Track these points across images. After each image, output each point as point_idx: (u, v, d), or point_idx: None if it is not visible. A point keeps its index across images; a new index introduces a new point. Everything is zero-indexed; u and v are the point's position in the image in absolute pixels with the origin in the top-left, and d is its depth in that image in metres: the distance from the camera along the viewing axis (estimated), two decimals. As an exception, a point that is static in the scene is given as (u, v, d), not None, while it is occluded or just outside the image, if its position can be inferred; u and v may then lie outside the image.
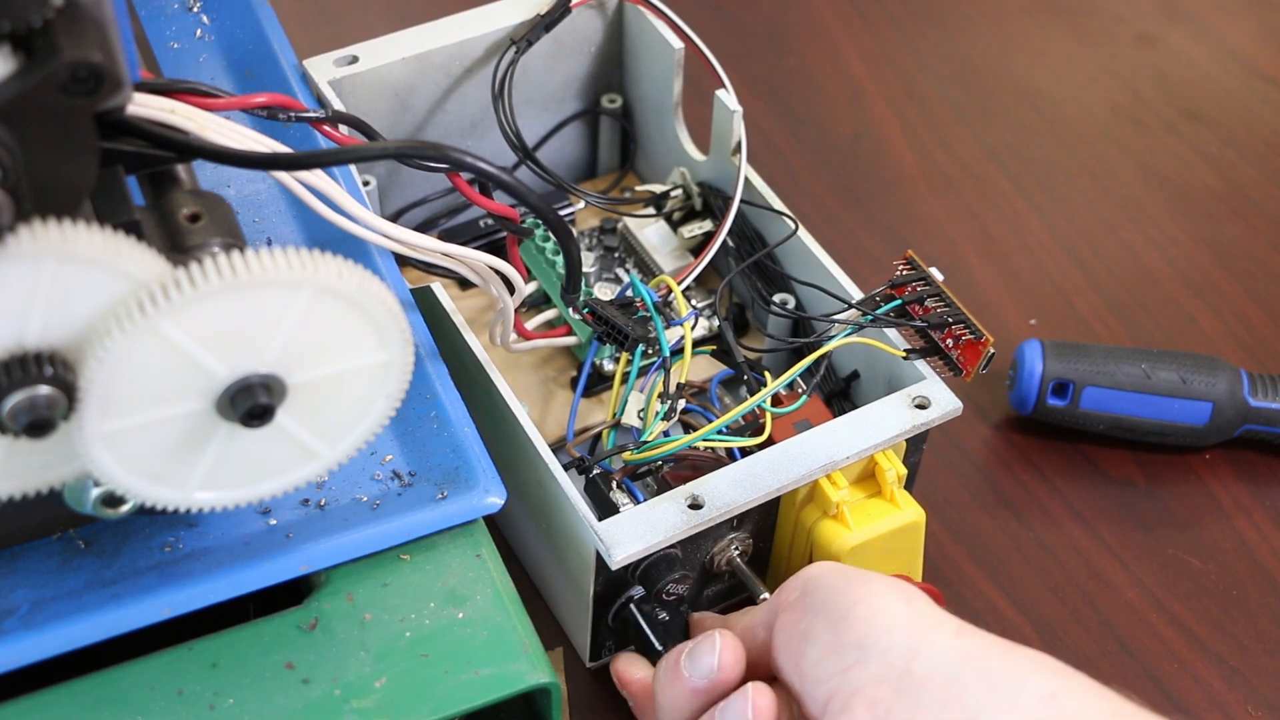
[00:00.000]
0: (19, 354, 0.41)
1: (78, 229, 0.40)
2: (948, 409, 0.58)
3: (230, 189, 0.61)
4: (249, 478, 0.47)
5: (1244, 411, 0.68)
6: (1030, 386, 0.68)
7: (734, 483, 0.56)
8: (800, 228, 0.64)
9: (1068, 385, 0.68)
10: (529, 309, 0.66)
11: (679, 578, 0.56)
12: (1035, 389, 0.68)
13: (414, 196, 0.71)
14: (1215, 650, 0.64)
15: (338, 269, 0.43)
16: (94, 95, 0.40)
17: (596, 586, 0.56)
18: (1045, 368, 0.68)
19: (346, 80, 0.66)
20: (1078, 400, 0.68)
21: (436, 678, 0.49)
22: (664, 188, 0.70)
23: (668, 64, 0.69)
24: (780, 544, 0.60)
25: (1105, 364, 0.68)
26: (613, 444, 0.59)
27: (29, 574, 0.49)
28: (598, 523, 0.54)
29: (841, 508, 0.57)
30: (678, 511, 0.55)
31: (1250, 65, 0.89)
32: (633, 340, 0.58)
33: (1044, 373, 0.68)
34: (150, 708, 0.47)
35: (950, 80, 0.88)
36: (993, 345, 0.58)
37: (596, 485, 0.58)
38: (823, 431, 0.57)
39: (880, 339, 0.60)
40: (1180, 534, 0.68)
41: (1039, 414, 0.69)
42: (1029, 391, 0.68)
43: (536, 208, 0.52)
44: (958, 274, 0.77)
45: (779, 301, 0.64)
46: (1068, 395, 0.68)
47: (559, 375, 0.67)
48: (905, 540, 0.59)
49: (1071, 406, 0.68)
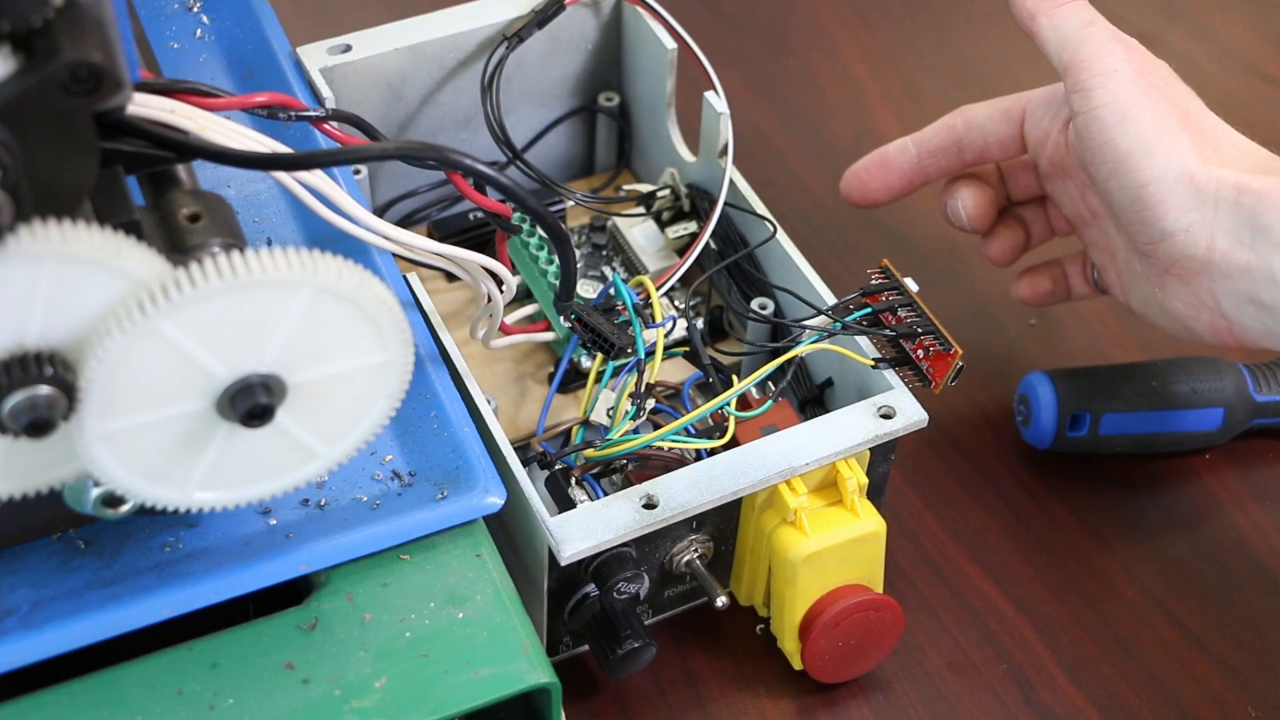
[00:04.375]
0: (19, 354, 0.41)
1: (78, 229, 0.40)
2: (913, 420, 0.58)
3: (230, 189, 0.61)
4: (249, 478, 0.47)
5: (1252, 408, 0.68)
6: (1047, 425, 0.67)
7: (690, 484, 0.55)
8: (779, 231, 0.64)
9: (1083, 416, 0.67)
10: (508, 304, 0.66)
11: (631, 576, 0.56)
12: (1053, 426, 0.67)
13: (404, 188, 0.71)
14: (1215, 650, 0.64)
15: (338, 269, 0.43)
16: (94, 95, 0.40)
17: (550, 582, 0.56)
18: (1060, 403, 0.67)
19: (339, 69, 0.66)
20: (1096, 429, 0.67)
21: (436, 678, 0.49)
22: (653, 188, 0.70)
23: (661, 64, 0.69)
24: (742, 548, 0.60)
25: (1117, 387, 0.67)
26: (580, 441, 0.60)
27: (29, 574, 0.49)
28: (550, 518, 0.54)
29: (800, 514, 0.57)
30: (631, 510, 0.55)
31: (1250, 65, 0.89)
32: (618, 349, 0.59)
33: (1059, 408, 0.67)
34: (150, 708, 0.47)
35: (950, 80, 0.88)
36: (962, 358, 0.58)
37: (557, 481, 0.58)
38: (784, 437, 0.57)
39: (851, 347, 0.60)
40: (1180, 534, 0.68)
41: (1058, 447, 0.68)
42: (1046, 429, 0.67)
43: (536, 212, 0.52)
44: (957, 274, 0.77)
45: (758, 306, 0.64)
46: (1085, 426, 0.67)
47: (536, 371, 0.66)
48: (864, 550, 0.58)
49: (1091, 436, 0.67)
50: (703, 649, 0.63)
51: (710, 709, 0.61)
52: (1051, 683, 0.62)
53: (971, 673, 0.63)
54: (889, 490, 0.66)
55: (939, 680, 0.62)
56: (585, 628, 0.58)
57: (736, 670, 0.62)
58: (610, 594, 0.56)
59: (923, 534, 0.67)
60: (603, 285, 0.67)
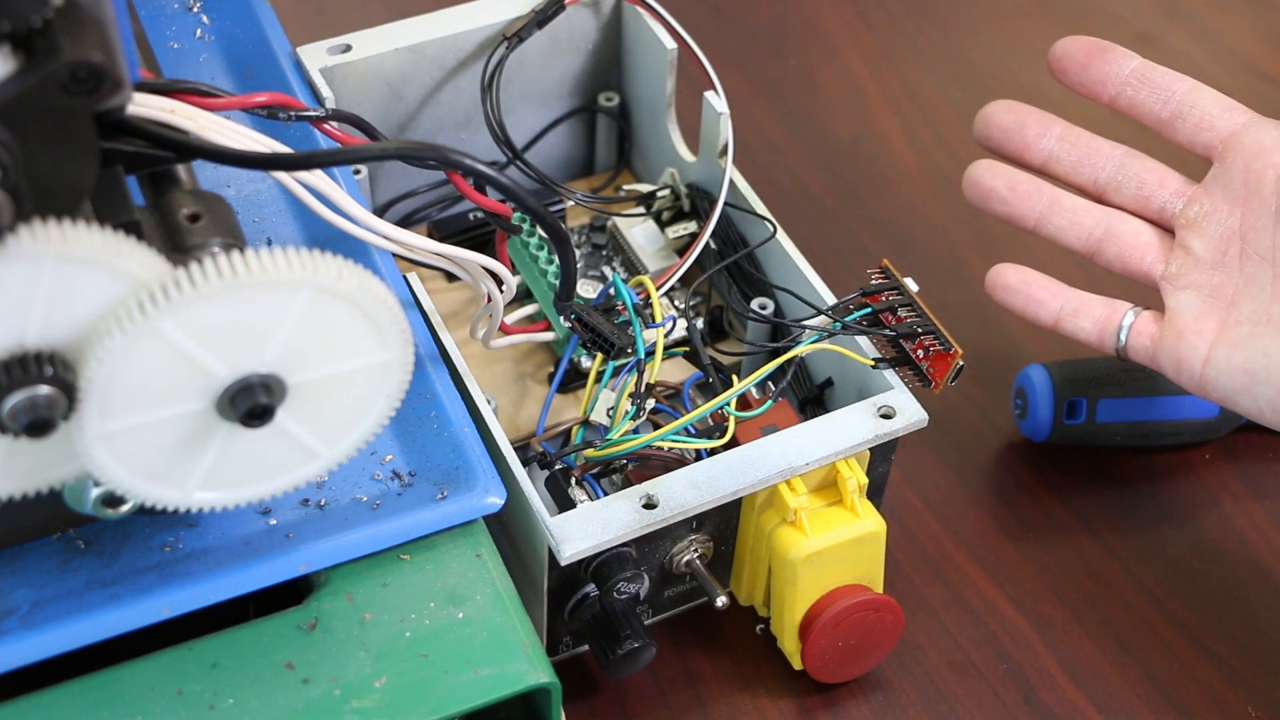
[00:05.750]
0: (19, 354, 0.41)
1: (78, 229, 0.40)
2: (913, 420, 0.58)
3: (230, 189, 0.61)
4: (249, 478, 0.47)
5: None
6: (1044, 413, 0.68)
7: (690, 484, 0.55)
8: (779, 231, 0.64)
9: (1080, 403, 0.68)
10: (508, 304, 0.66)
11: (631, 576, 0.56)
12: (1050, 414, 0.67)
13: (404, 188, 0.71)
14: (1215, 650, 0.64)
15: (338, 269, 0.43)
16: (94, 95, 0.40)
17: (550, 582, 0.56)
18: (1056, 390, 0.67)
19: (339, 69, 0.66)
20: (1093, 416, 0.67)
21: (436, 678, 0.49)
22: (653, 188, 0.70)
23: (661, 64, 0.69)
24: (742, 548, 0.60)
25: (1114, 373, 0.68)
26: (580, 441, 0.60)
27: (29, 574, 0.49)
28: (550, 518, 0.54)
29: (799, 514, 0.57)
30: (631, 510, 0.55)
31: (1250, 65, 0.89)
32: (618, 350, 0.59)
33: (1055, 396, 0.67)
34: (150, 708, 0.47)
35: (950, 80, 0.88)
36: (962, 358, 0.58)
37: (557, 481, 0.58)
38: (784, 437, 0.57)
39: (851, 347, 0.60)
40: (1180, 534, 0.68)
41: (1056, 438, 0.69)
42: (1043, 418, 0.68)
43: (536, 212, 0.52)
44: (958, 274, 0.77)
45: (758, 306, 0.64)
46: (1081, 413, 0.68)
47: (536, 371, 0.66)
48: (864, 550, 0.58)
49: (1089, 424, 0.68)
50: (703, 649, 0.63)
51: (710, 709, 0.61)
52: (1051, 683, 0.62)
53: (971, 673, 0.63)
54: (889, 490, 0.66)
55: (939, 680, 0.62)
56: (585, 628, 0.58)
57: (736, 670, 0.62)
58: (610, 594, 0.56)
59: (923, 534, 0.67)
60: (603, 285, 0.67)
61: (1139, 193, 0.63)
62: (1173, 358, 0.60)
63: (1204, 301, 0.60)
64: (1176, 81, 0.62)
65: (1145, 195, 0.63)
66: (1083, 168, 0.64)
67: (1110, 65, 0.63)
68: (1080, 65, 0.64)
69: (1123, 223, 0.63)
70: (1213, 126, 0.61)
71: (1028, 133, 0.64)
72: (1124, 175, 0.63)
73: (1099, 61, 0.63)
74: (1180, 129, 0.62)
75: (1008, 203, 0.64)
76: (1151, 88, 0.63)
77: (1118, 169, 0.63)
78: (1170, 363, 0.60)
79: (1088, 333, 0.62)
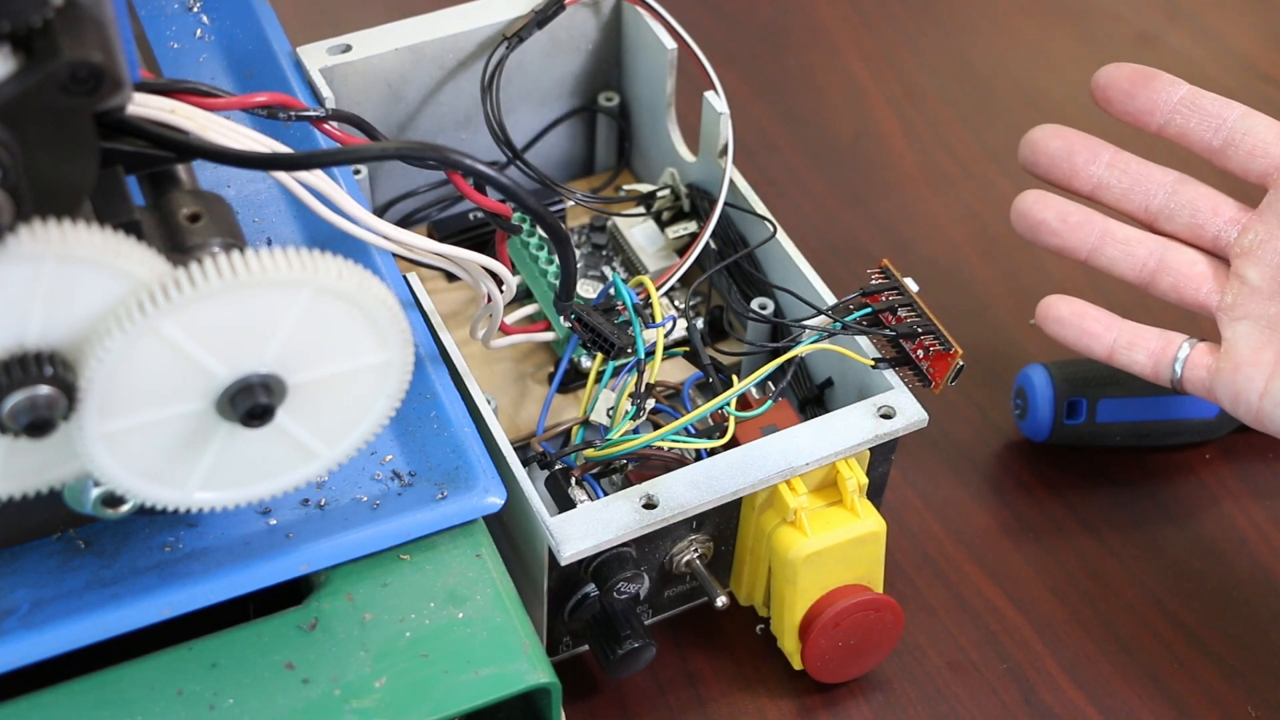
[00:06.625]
0: (19, 354, 0.41)
1: (78, 229, 0.40)
2: (913, 420, 0.58)
3: (230, 189, 0.61)
4: (249, 478, 0.47)
5: None
6: (1044, 413, 0.68)
7: (690, 484, 0.55)
8: (779, 231, 0.64)
9: (1079, 403, 0.67)
10: (508, 304, 0.66)
11: (631, 576, 0.56)
12: (1050, 414, 0.67)
13: (404, 188, 0.71)
14: (1215, 650, 0.64)
15: (338, 269, 0.43)
16: (94, 95, 0.40)
17: (550, 582, 0.56)
18: (1056, 390, 0.67)
19: (339, 69, 0.66)
20: (1093, 416, 0.67)
21: (436, 678, 0.49)
22: (653, 188, 0.70)
23: (661, 64, 0.69)
24: (742, 548, 0.60)
25: (1114, 373, 0.67)
26: (580, 441, 0.60)
27: (29, 574, 0.49)
28: (550, 518, 0.54)
29: (799, 514, 0.57)
30: (631, 510, 0.55)
31: (1250, 65, 0.89)
32: (618, 350, 0.59)
33: (1055, 396, 0.67)
34: (150, 708, 0.47)
35: (950, 80, 0.88)
36: (962, 358, 0.58)
37: (557, 481, 0.58)
38: (784, 437, 0.57)
39: (851, 347, 0.60)
40: (1180, 534, 0.68)
41: (1056, 438, 0.68)
42: (1043, 418, 0.68)
43: (536, 212, 0.52)
44: (958, 274, 0.77)
45: (758, 306, 0.64)
46: (1081, 413, 0.68)
47: (536, 371, 0.66)
48: (865, 550, 0.58)
49: (1089, 424, 0.68)
50: (703, 649, 0.63)
51: (710, 709, 0.61)
52: (1051, 683, 0.62)
53: (971, 673, 0.63)
54: (889, 490, 0.66)
55: (939, 680, 0.62)
56: (585, 628, 0.58)
57: (736, 670, 0.62)
58: (610, 594, 0.56)
59: (923, 534, 0.67)
60: (603, 285, 0.67)
61: (1192, 220, 0.62)
62: (1229, 390, 0.59)
63: (1261, 333, 0.59)
64: (1226, 108, 0.61)
65: (1199, 223, 0.62)
66: (1133, 195, 0.63)
67: (1158, 93, 0.62)
68: (1126, 94, 0.62)
69: (1177, 253, 0.62)
70: (1267, 153, 0.60)
71: (1076, 159, 0.63)
72: (1176, 203, 0.62)
73: (1145, 90, 0.62)
74: (1233, 157, 0.61)
75: (1059, 235, 0.63)
76: (1202, 115, 0.61)
77: (1169, 196, 0.62)
78: (1227, 395, 0.59)
79: (1142, 365, 0.62)
